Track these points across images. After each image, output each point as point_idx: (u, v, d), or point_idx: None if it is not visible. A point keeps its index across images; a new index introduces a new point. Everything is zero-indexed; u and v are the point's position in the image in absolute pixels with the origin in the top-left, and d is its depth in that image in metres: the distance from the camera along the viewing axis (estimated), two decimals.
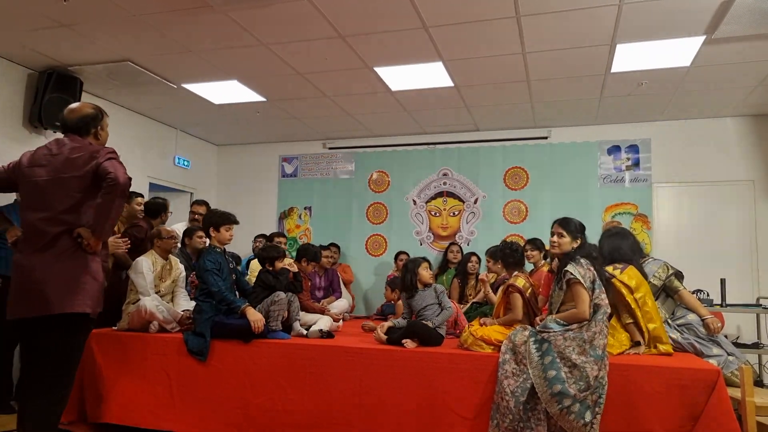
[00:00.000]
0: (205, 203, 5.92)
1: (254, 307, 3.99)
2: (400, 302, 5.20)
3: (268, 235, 6.91)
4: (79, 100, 5.48)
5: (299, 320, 4.30)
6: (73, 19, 4.39)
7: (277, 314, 4.09)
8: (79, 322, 2.68)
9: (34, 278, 2.59)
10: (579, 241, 3.53)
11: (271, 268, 4.39)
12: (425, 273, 4.20)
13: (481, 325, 3.83)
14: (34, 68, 5.39)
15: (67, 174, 2.66)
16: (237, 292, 4.22)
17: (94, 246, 2.67)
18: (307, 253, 5.14)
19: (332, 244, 7.13)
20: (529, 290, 3.90)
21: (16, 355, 4.51)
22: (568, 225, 3.57)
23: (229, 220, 4.19)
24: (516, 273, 4.04)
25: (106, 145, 2.89)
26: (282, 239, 6.55)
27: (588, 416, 3.08)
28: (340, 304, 5.84)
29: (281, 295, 4.13)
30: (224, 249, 4.26)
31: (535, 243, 5.01)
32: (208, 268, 3.96)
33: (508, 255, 4.17)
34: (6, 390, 4.49)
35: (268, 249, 4.56)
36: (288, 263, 4.62)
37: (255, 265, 5.77)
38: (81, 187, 2.66)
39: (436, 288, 4.19)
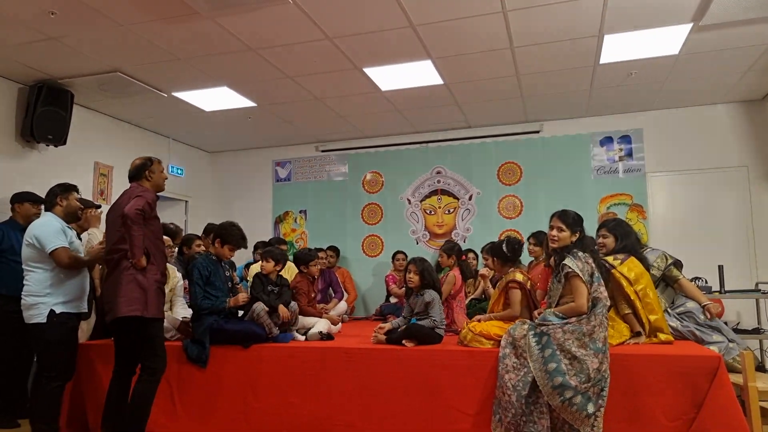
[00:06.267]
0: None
1: (246, 313, 4.03)
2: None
3: (267, 241, 6.88)
4: (70, 113, 5.52)
5: (295, 328, 4.27)
6: (61, 32, 4.38)
7: (267, 324, 4.01)
8: (133, 322, 3.34)
9: (105, 293, 3.48)
10: (578, 234, 3.49)
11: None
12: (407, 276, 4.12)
13: (477, 321, 3.80)
14: (25, 82, 5.37)
15: (114, 215, 3.43)
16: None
17: (137, 264, 3.33)
18: (302, 259, 4.96)
19: (330, 247, 7.11)
20: (528, 283, 3.89)
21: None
22: (567, 218, 3.50)
23: (239, 243, 4.15)
24: (512, 269, 3.99)
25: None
26: (283, 246, 6.47)
27: (591, 408, 3.06)
28: (338, 306, 5.83)
29: (257, 308, 4.02)
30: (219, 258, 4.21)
31: (538, 237, 4.90)
32: (194, 279, 3.96)
33: (509, 251, 4.04)
34: (15, 404, 4.34)
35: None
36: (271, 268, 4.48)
37: (253, 271, 5.75)
38: (122, 222, 3.32)
39: (426, 295, 4.01)
